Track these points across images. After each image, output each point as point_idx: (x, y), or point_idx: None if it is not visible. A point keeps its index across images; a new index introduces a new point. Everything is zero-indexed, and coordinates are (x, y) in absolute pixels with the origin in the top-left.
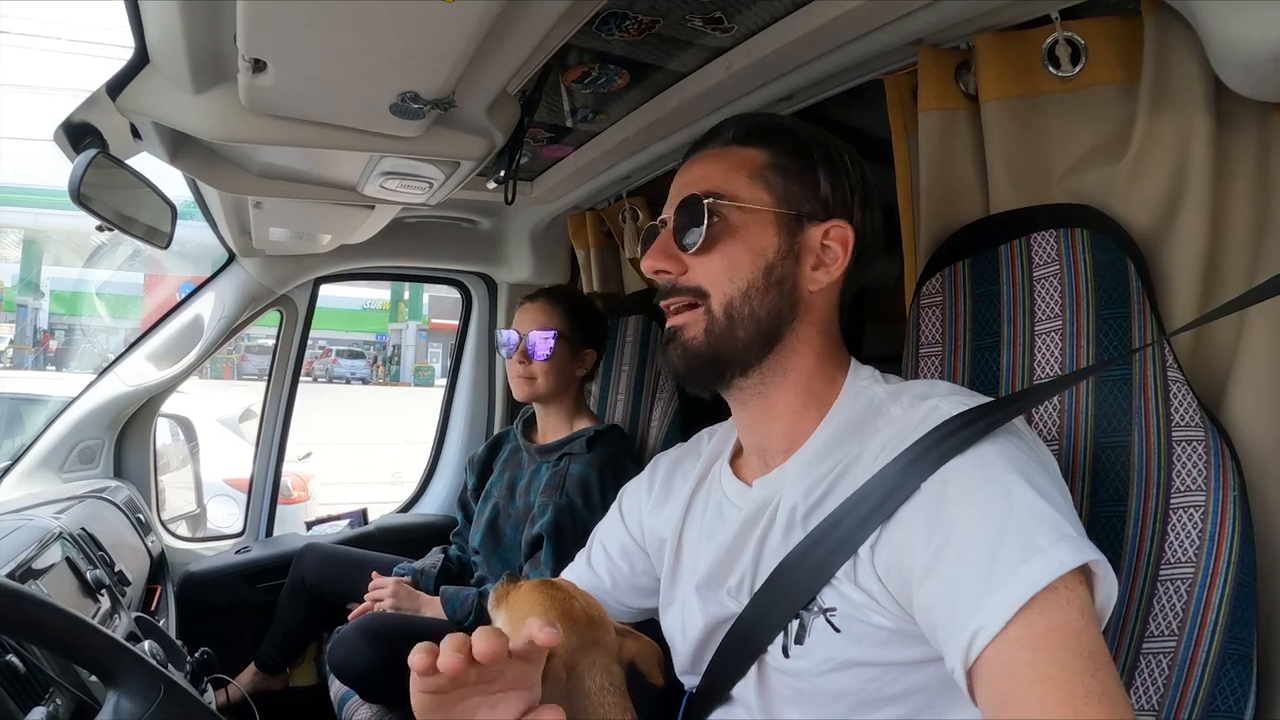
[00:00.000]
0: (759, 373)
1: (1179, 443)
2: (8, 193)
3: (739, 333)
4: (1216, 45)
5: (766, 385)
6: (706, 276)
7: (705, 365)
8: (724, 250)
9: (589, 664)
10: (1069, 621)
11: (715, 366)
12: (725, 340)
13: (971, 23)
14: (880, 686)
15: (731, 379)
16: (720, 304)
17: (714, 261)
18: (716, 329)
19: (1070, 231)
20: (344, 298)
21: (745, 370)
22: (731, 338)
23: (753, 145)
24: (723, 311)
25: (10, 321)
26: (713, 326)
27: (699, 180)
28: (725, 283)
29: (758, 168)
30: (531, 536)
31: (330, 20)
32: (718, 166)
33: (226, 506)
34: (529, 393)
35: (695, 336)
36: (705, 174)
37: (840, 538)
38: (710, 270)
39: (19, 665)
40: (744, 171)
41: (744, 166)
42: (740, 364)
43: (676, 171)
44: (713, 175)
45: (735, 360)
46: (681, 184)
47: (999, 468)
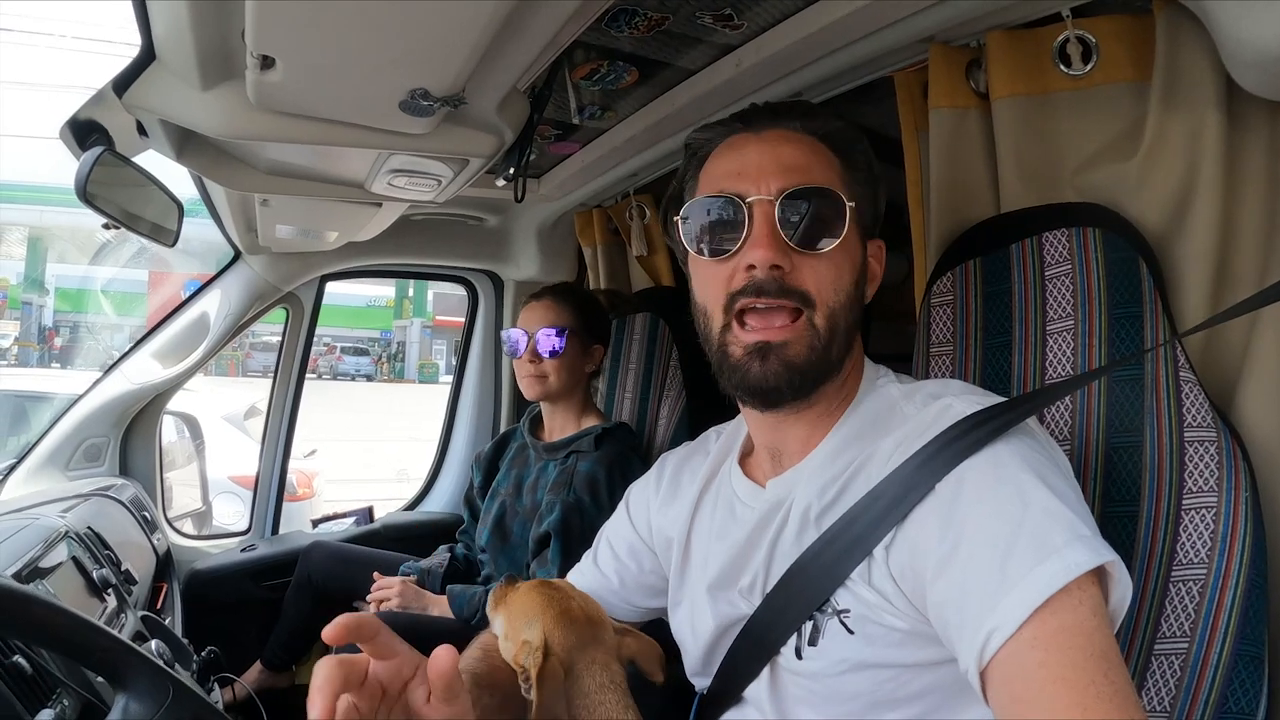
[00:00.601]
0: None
1: (1191, 443)
2: (12, 190)
3: (835, 348)
4: (1229, 44)
5: (820, 394)
6: (817, 282)
7: (806, 383)
8: (836, 257)
9: (588, 662)
10: (1081, 622)
11: (814, 382)
12: (825, 356)
13: (982, 20)
14: (894, 688)
15: (813, 393)
16: (825, 315)
17: (825, 267)
18: (819, 344)
19: (1082, 231)
20: (348, 294)
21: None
22: (829, 353)
23: (833, 147)
24: (826, 325)
25: (15, 319)
26: (815, 341)
27: (804, 167)
28: (832, 293)
29: (841, 172)
30: (539, 534)
31: (340, 16)
32: (815, 159)
33: (232, 504)
34: (541, 391)
35: (800, 353)
36: (808, 161)
37: (854, 538)
38: (823, 277)
39: (26, 666)
40: (836, 174)
41: (834, 167)
42: (830, 378)
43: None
44: (817, 167)
45: (828, 375)
46: (775, 161)
47: (1013, 467)
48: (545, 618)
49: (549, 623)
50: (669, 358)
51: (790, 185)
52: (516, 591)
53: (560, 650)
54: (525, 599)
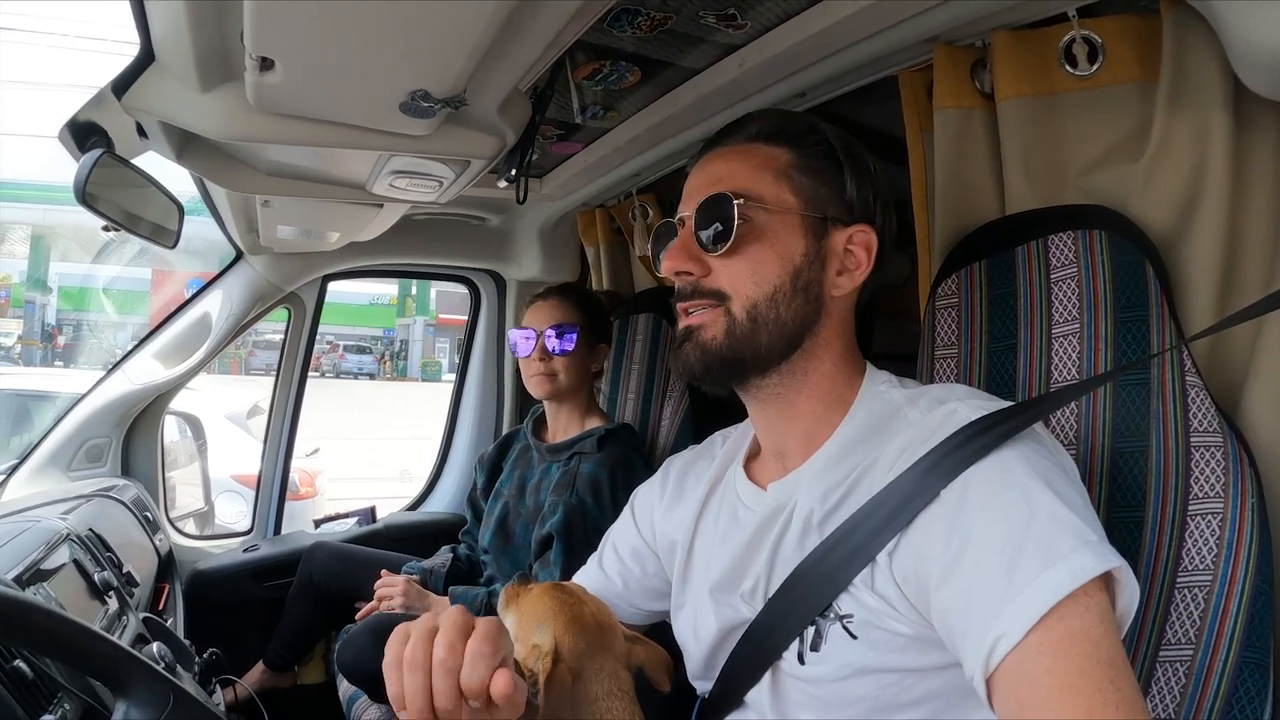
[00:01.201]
0: (778, 374)
1: (1197, 448)
2: (15, 189)
3: (762, 336)
4: (1236, 45)
5: (786, 387)
6: (730, 279)
7: (723, 365)
8: (750, 253)
9: (596, 669)
10: (1088, 628)
11: (733, 367)
12: (747, 342)
13: (988, 20)
14: (897, 693)
15: (748, 379)
16: (743, 306)
17: (739, 264)
18: (738, 330)
19: (1088, 233)
20: (351, 293)
21: (764, 372)
22: (754, 340)
23: (778, 144)
24: (745, 314)
25: (18, 317)
26: (734, 328)
27: (723, 178)
28: (750, 286)
29: (783, 168)
30: (542, 536)
31: (339, 18)
32: (743, 164)
33: (234, 503)
34: (550, 390)
35: (715, 337)
36: (730, 171)
37: (857, 544)
38: (735, 273)
39: (27, 671)
40: (770, 171)
41: (770, 166)
42: (760, 366)
43: (688, 168)
44: (738, 173)
45: (755, 362)
46: (703, 180)
47: (1019, 472)
48: (557, 623)
49: (560, 628)
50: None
51: (703, 197)
52: (529, 594)
53: (570, 656)
54: (538, 602)
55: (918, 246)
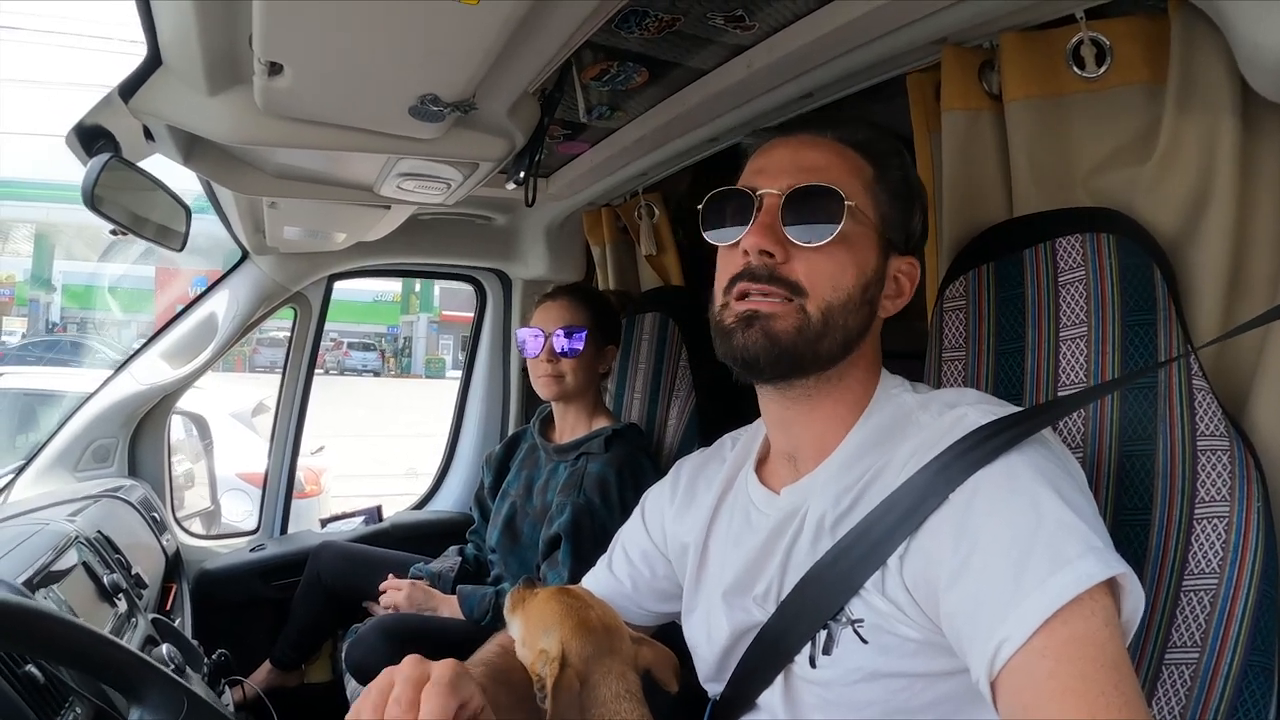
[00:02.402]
0: (818, 378)
1: (1203, 452)
2: (19, 187)
3: (826, 341)
4: (1245, 49)
5: (818, 390)
6: (810, 275)
7: (786, 359)
8: (837, 256)
9: (604, 672)
10: (1093, 632)
11: (794, 363)
12: (813, 343)
13: (996, 22)
14: (908, 698)
15: (795, 378)
16: (819, 307)
17: (824, 263)
18: (809, 331)
19: (1096, 236)
20: (355, 290)
21: (810, 374)
22: (819, 343)
23: (865, 156)
24: (820, 315)
25: (23, 316)
26: (806, 326)
27: (820, 169)
28: (828, 288)
29: (869, 181)
30: (549, 536)
31: (349, 23)
32: (839, 162)
33: (240, 501)
34: (557, 391)
35: (787, 329)
36: (826, 164)
37: (869, 547)
38: (817, 271)
39: (38, 675)
40: (861, 180)
41: (860, 174)
42: (812, 368)
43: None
44: (834, 170)
45: (812, 363)
46: (794, 161)
47: (1027, 478)
48: (564, 627)
49: (567, 633)
50: (678, 358)
51: (799, 182)
52: (535, 598)
53: (577, 661)
54: (544, 607)
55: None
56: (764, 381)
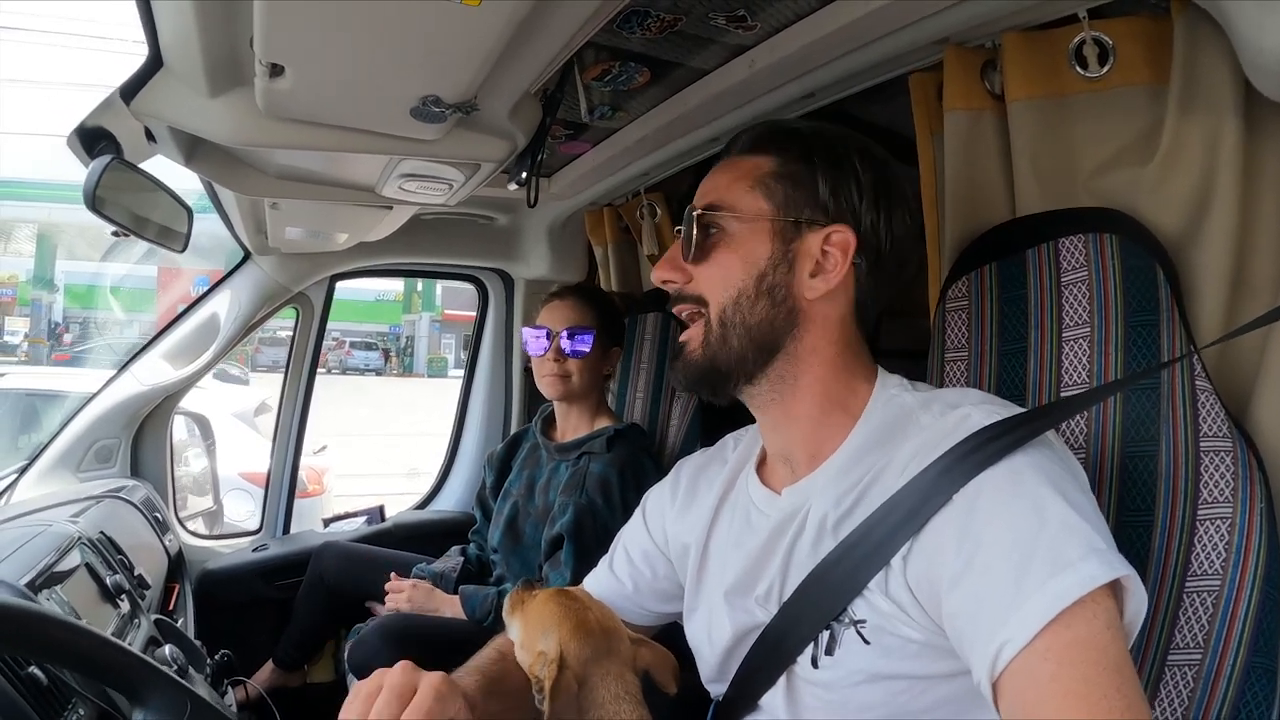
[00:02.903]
0: (766, 381)
1: (1207, 453)
2: (20, 187)
3: (732, 341)
4: (1248, 49)
5: (778, 393)
6: (705, 285)
7: (704, 376)
8: (719, 260)
9: (602, 674)
10: (1095, 635)
11: (715, 376)
12: (721, 350)
13: (998, 22)
14: (909, 699)
15: (737, 387)
16: (715, 313)
17: (711, 271)
18: (713, 339)
19: (1099, 236)
20: (357, 289)
21: (750, 378)
22: (726, 346)
23: (760, 153)
24: (718, 320)
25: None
26: (709, 337)
27: (708, 193)
28: (720, 291)
29: (761, 176)
30: (552, 536)
31: (350, 24)
32: (725, 177)
33: (242, 501)
34: (562, 391)
35: (694, 350)
36: (715, 186)
37: (871, 548)
38: (708, 279)
39: (42, 678)
40: (747, 181)
41: (748, 176)
42: (741, 373)
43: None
44: (720, 187)
45: (734, 369)
46: (700, 194)
47: (1031, 480)
48: (562, 629)
49: (565, 634)
50: None
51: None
52: (534, 599)
53: (575, 663)
54: (542, 608)
55: (927, 247)
56: (708, 399)
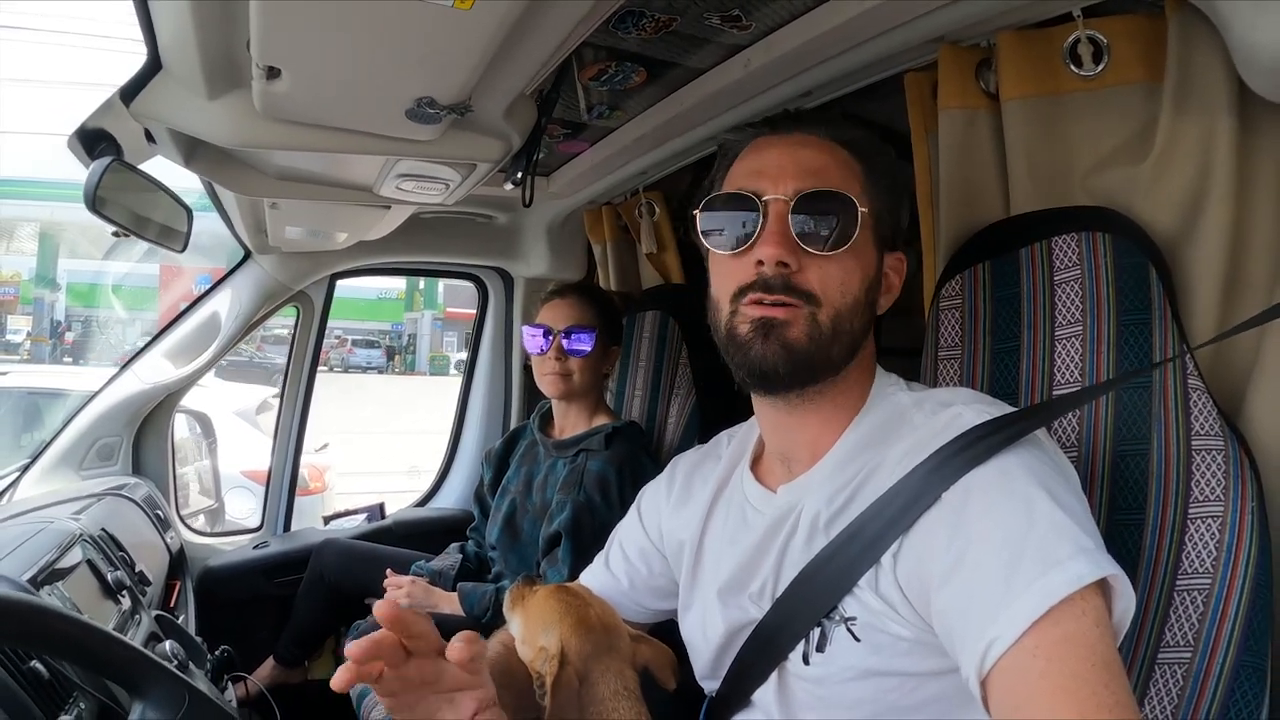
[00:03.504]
0: (819, 386)
1: (1198, 451)
2: (22, 186)
3: (836, 347)
4: (1241, 48)
5: (822, 394)
6: (821, 282)
7: (801, 368)
8: (845, 261)
9: (603, 670)
10: (1084, 632)
11: (810, 371)
12: (825, 351)
13: (993, 21)
14: (899, 696)
15: (810, 385)
16: (829, 315)
17: (834, 270)
18: (821, 337)
19: (1092, 235)
20: (359, 287)
21: (820, 381)
22: (829, 350)
23: (855, 154)
24: (831, 322)
25: (27, 314)
26: (816, 333)
27: (820, 171)
28: (838, 294)
29: (863, 180)
30: (550, 534)
31: (345, 28)
32: (835, 165)
33: (244, 499)
34: (563, 390)
35: (799, 337)
36: (824, 166)
37: (862, 546)
38: (828, 277)
39: (43, 672)
40: (857, 180)
41: (855, 174)
42: (827, 374)
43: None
44: (834, 171)
45: (825, 369)
46: (793, 163)
47: (1021, 479)
48: (563, 625)
49: (566, 631)
50: (678, 356)
51: (806, 187)
52: (535, 596)
53: (576, 659)
54: (544, 605)
55: (922, 247)
56: (778, 392)
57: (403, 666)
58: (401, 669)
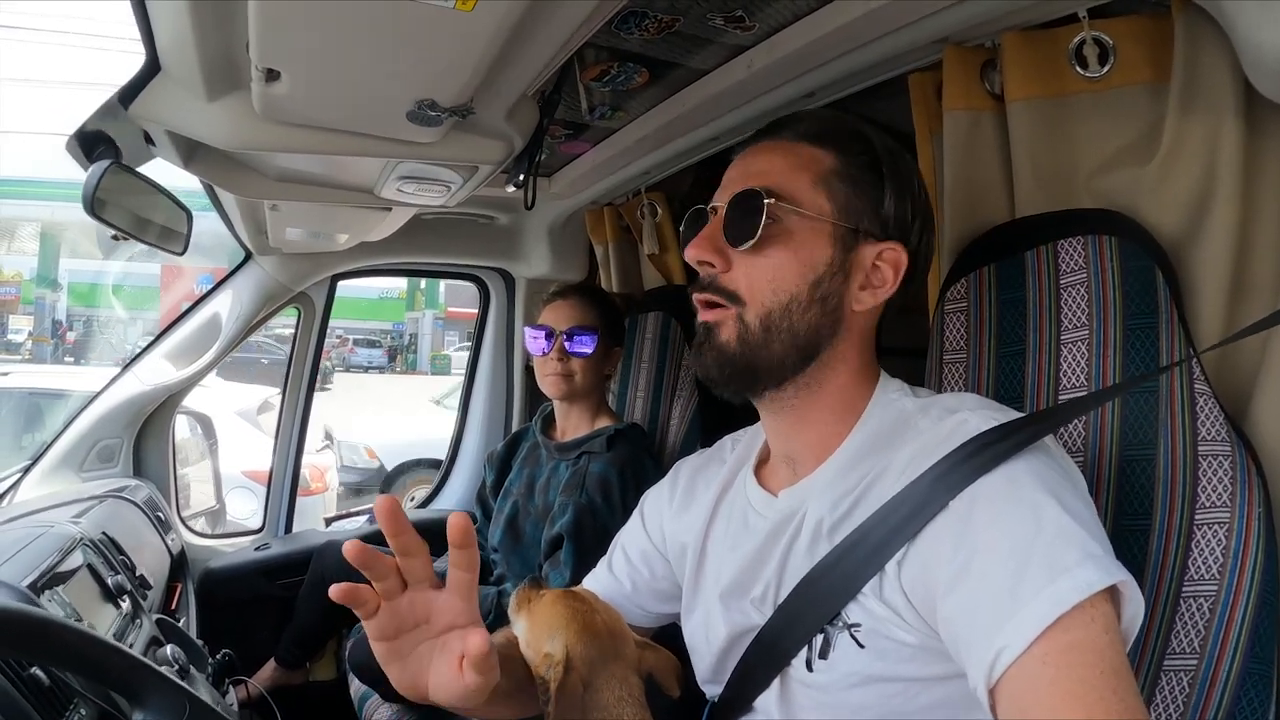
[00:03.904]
0: (793, 386)
1: (1205, 457)
2: (23, 186)
3: (774, 346)
4: (1248, 50)
5: (800, 398)
6: (748, 281)
7: (736, 372)
8: (773, 256)
9: (608, 676)
10: (1093, 639)
11: (748, 375)
12: (759, 351)
13: (998, 21)
14: (903, 702)
15: (764, 389)
16: (757, 314)
17: (760, 266)
18: (750, 338)
19: (1098, 238)
20: (360, 286)
21: (780, 383)
22: (766, 350)
23: (824, 147)
24: (759, 322)
25: (29, 314)
26: (745, 334)
27: (762, 173)
28: (767, 293)
29: (824, 172)
30: (552, 536)
31: (344, 30)
32: (784, 162)
33: (245, 499)
34: (565, 391)
35: (729, 341)
36: (769, 168)
37: (866, 552)
38: (754, 275)
39: (44, 679)
40: (809, 174)
41: (810, 168)
42: (774, 377)
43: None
44: (777, 171)
45: (769, 372)
46: (741, 172)
47: (1028, 486)
48: (569, 631)
49: (572, 637)
50: (680, 358)
51: (740, 190)
52: (541, 600)
53: (582, 665)
54: (550, 609)
55: None
56: (727, 396)
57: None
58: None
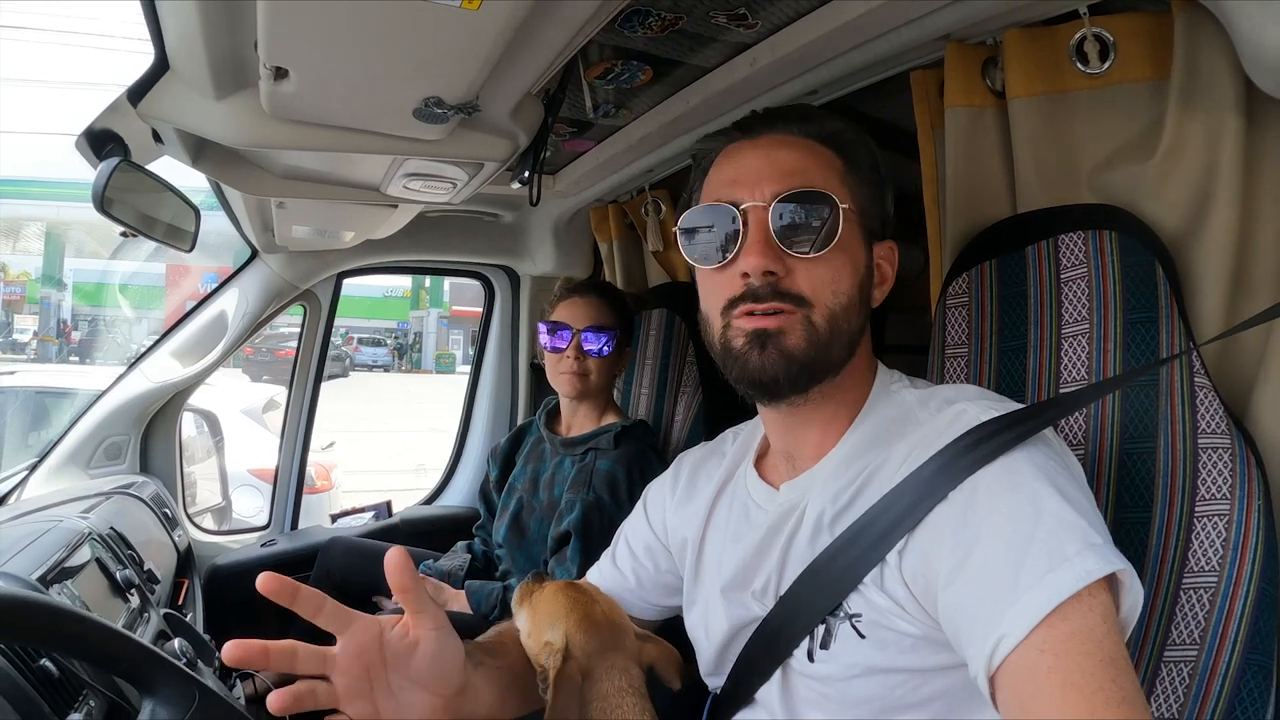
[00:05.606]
0: (821, 386)
1: (1205, 450)
2: (29, 185)
3: (835, 348)
4: (1248, 47)
5: (823, 394)
6: (810, 284)
7: (802, 374)
8: (834, 260)
9: (608, 667)
10: (1092, 628)
11: (809, 376)
12: (824, 353)
13: (1000, 18)
14: (905, 693)
15: (810, 389)
16: (824, 316)
17: (823, 270)
18: (818, 340)
19: (1099, 233)
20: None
21: (821, 382)
22: (829, 351)
23: (834, 149)
24: (827, 324)
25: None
26: (814, 336)
27: (799, 171)
28: (830, 295)
29: (844, 174)
30: (559, 533)
31: (351, 28)
32: (814, 161)
33: (251, 498)
34: (579, 389)
35: (798, 344)
36: (803, 166)
37: (867, 544)
38: (817, 279)
39: (53, 670)
40: (837, 176)
41: (834, 170)
42: (826, 376)
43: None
44: (812, 171)
45: (824, 373)
46: (771, 166)
47: (1028, 476)
48: (569, 621)
49: (572, 626)
50: (685, 354)
51: (784, 189)
52: (543, 591)
53: (581, 655)
54: (551, 600)
55: (929, 244)
56: (780, 400)
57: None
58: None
